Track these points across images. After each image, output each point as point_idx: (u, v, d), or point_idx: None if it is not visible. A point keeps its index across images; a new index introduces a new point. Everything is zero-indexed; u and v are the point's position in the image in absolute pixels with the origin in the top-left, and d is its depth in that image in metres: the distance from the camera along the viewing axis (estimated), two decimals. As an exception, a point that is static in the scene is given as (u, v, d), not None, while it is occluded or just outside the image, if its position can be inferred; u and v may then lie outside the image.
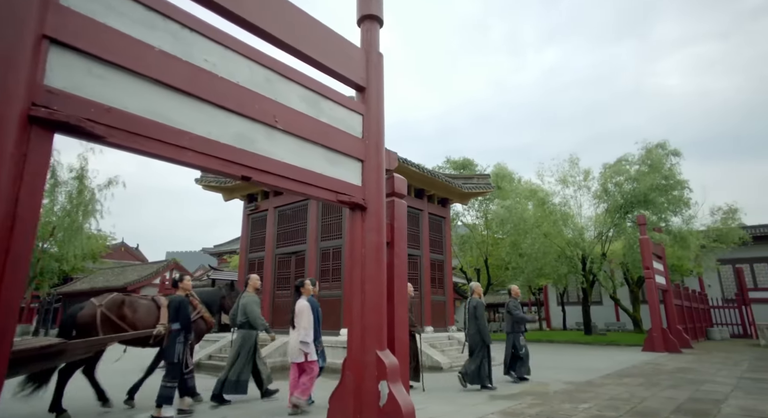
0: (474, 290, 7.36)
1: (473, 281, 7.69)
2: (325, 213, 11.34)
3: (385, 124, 4.49)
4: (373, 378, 3.70)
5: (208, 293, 6.55)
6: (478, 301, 7.16)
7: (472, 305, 7.11)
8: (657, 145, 17.32)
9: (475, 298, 7.23)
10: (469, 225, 23.29)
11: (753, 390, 6.45)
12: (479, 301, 7.16)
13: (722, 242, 19.89)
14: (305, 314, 5.37)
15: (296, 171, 3.56)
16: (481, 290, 7.49)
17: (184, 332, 5.20)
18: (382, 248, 4.07)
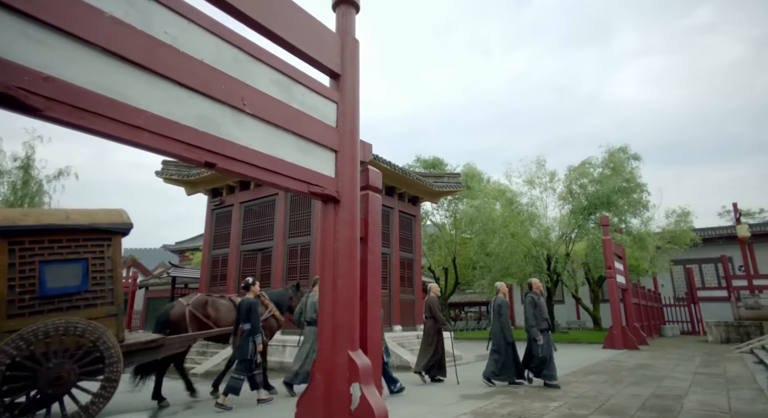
0: (499, 289, 7.48)
1: (499, 282, 7.73)
2: (293, 209, 11.02)
3: (360, 113, 4.30)
4: (344, 380, 3.50)
5: (277, 294, 6.99)
6: (503, 299, 7.27)
7: (497, 304, 7.23)
8: (619, 149, 17.95)
9: (500, 296, 7.35)
10: (438, 224, 23.41)
11: (709, 385, 6.69)
12: (504, 299, 7.28)
13: (675, 244, 20.86)
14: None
15: (265, 159, 3.31)
16: (506, 289, 7.55)
17: (254, 330, 5.55)
18: (355, 243, 3.88)
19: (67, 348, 4.41)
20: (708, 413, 4.72)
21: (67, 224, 4.71)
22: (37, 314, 4.43)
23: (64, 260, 4.64)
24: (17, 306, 4.36)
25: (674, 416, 4.59)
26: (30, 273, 4.45)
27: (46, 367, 4.25)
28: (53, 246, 4.62)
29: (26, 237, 4.47)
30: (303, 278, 10.26)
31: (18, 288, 4.38)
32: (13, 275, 4.37)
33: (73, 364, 4.42)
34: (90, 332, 4.49)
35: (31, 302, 4.44)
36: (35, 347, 4.21)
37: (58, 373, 4.31)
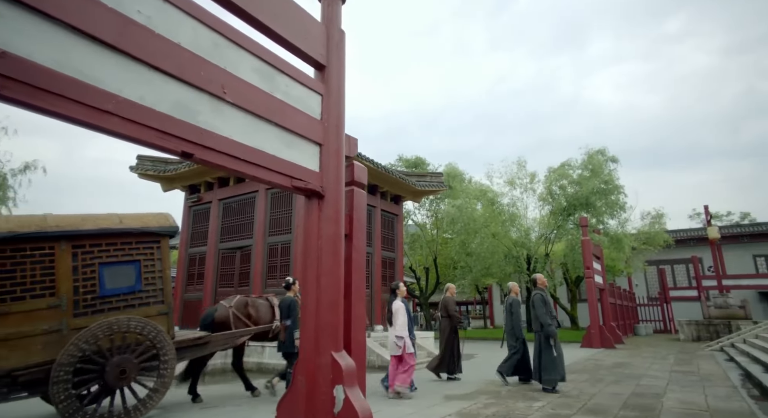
0: (512, 288, 7.68)
1: (511, 282, 7.93)
2: (274, 206, 10.78)
3: (345, 107, 4.16)
4: (327, 382, 3.37)
5: None
6: (515, 298, 7.44)
7: (509, 303, 7.43)
8: (597, 151, 18.27)
9: (512, 296, 7.53)
10: (419, 224, 23.39)
11: (685, 383, 6.80)
12: (516, 298, 7.45)
13: (650, 245, 21.37)
14: (401, 313, 6.15)
15: (247, 151, 3.15)
16: (518, 289, 7.75)
17: (295, 326, 5.78)
18: (339, 240, 3.75)
19: (128, 344, 4.74)
20: (688, 412, 4.76)
21: (121, 227, 5.02)
22: (99, 312, 4.76)
23: (119, 262, 4.97)
24: (81, 305, 4.69)
25: (656, 414, 4.62)
26: (91, 274, 4.78)
27: (112, 361, 4.60)
28: (110, 249, 4.94)
29: (87, 241, 4.80)
30: (283, 276, 10.04)
31: (81, 289, 4.71)
32: (77, 276, 4.70)
33: (134, 359, 4.75)
34: (148, 329, 4.82)
35: (93, 301, 4.76)
36: (102, 342, 4.55)
37: (122, 367, 4.65)
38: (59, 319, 4.54)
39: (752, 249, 26.06)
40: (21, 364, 4.27)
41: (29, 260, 4.49)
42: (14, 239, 4.40)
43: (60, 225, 4.68)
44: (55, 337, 4.47)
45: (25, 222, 4.58)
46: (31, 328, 4.39)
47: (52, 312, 4.53)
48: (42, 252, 4.56)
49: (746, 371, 7.80)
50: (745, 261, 25.89)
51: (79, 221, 4.85)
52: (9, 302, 4.33)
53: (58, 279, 4.59)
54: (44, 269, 4.55)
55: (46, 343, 4.42)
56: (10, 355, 4.24)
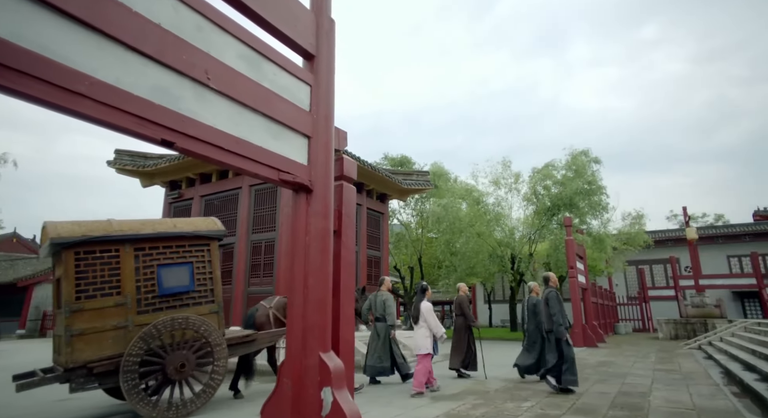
0: (533, 289, 7.88)
1: (532, 282, 8.11)
2: (258, 203, 10.54)
3: (335, 99, 4.02)
4: (314, 384, 3.22)
5: None
6: (538, 299, 7.52)
7: (532, 303, 7.61)
8: (581, 152, 18.47)
9: (533, 296, 7.74)
10: (404, 223, 23.32)
11: (669, 382, 6.86)
12: (538, 299, 7.51)
13: (630, 245, 21.75)
14: (432, 313, 6.37)
15: (232, 141, 2.98)
16: (540, 289, 7.76)
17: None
18: (328, 236, 3.61)
19: (186, 340, 5.11)
20: (675, 411, 4.76)
21: (176, 231, 5.39)
22: (158, 310, 5.13)
23: (174, 264, 5.33)
24: (143, 303, 5.05)
25: (644, 414, 4.60)
26: (150, 275, 5.14)
27: (172, 355, 4.98)
28: (166, 251, 5.30)
29: (146, 243, 5.18)
30: (267, 275, 9.83)
31: (143, 288, 5.07)
32: (139, 276, 5.07)
33: (191, 354, 5.12)
34: (203, 327, 5.21)
35: (153, 300, 5.12)
36: (164, 338, 4.95)
37: (181, 361, 5.02)
38: (125, 316, 4.93)
39: (726, 250, 26.80)
40: (95, 356, 4.69)
41: (99, 262, 4.88)
42: (86, 242, 4.80)
43: (123, 229, 5.09)
44: (122, 332, 4.89)
45: (93, 227, 4.97)
46: (102, 324, 4.80)
47: (119, 310, 4.92)
48: (109, 254, 4.95)
49: (726, 368, 7.92)
50: (720, 261, 26.61)
51: (138, 225, 5.26)
52: (83, 299, 4.73)
53: (123, 279, 4.98)
54: (111, 270, 4.95)
55: (115, 338, 4.84)
56: (85, 348, 4.67)
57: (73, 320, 4.64)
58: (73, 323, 4.63)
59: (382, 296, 7.16)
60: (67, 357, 4.57)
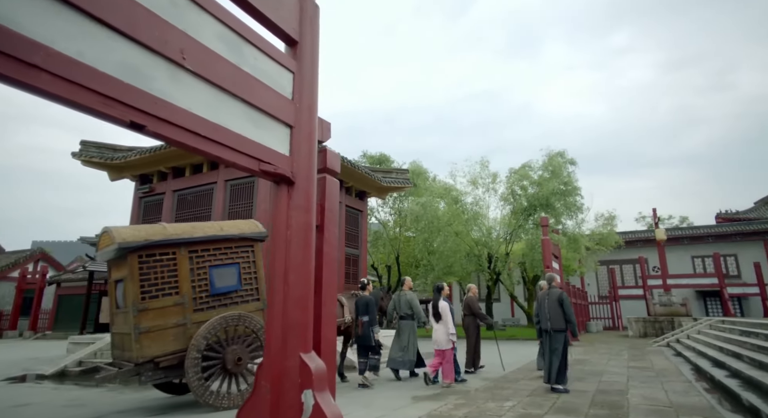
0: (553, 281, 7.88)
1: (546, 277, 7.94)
2: (233, 199, 10.21)
3: (318, 88, 3.84)
4: (295, 387, 3.05)
5: (373, 295, 7.66)
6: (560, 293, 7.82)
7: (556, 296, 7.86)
8: (557, 154, 18.78)
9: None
10: (382, 221, 23.22)
11: (644, 379, 6.97)
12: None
13: (603, 245, 22.28)
14: (449, 311, 6.73)
15: (209, 127, 2.77)
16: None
17: (372, 322, 6.86)
18: (310, 231, 3.43)
19: (239, 336, 5.52)
20: (654, 408, 4.80)
21: (223, 234, 5.71)
22: (211, 309, 5.49)
23: (223, 265, 5.68)
24: (198, 302, 5.41)
25: (624, 412, 4.62)
26: (204, 276, 5.50)
27: (228, 349, 5.40)
28: (216, 253, 5.65)
29: (198, 246, 5.51)
30: (242, 273, 9.53)
31: (197, 288, 5.43)
32: (194, 277, 5.42)
33: (245, 348, 5.54)
34: (253, 323, 5.60)
35: (207, 299, 5.48)
36: (220, 334, 5.34)
37: (237, 355, 5.45)
38: (183, 314, 5.29)
39: (691, 250, 27.85)
40: (160, 352, 5.07)
41: (159, 264, 5.20)
42: (148, 246, 5.10)
43: (177, 233, 5.40)
44: (182, 330, 5.24)
45: (152, 231, 5.28)
46: (164, 322, 5.15)
47: (178, 308, 5.28)
48: (168, 257, 5.28)
49: (696, 365, 8.13)
50: (685, 262, 27.63)
51: (190, 229, 5.59)
52: (148, 299, 5.06)
53: (180, 280, 5.33)
54: (170, 272, 5.28)
55: (176, 334, 5.20)
56: (151, 344, 5.02)
57: (140, 319, 5.01)
58: (140, 322, 5.00)
59: (406, 295, 7.57)
60: (137, 353, 4.94)
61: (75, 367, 8.84)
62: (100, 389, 6.98)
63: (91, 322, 14.42)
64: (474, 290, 8.50)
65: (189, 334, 5.24)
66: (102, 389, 7.06)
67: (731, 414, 4.47)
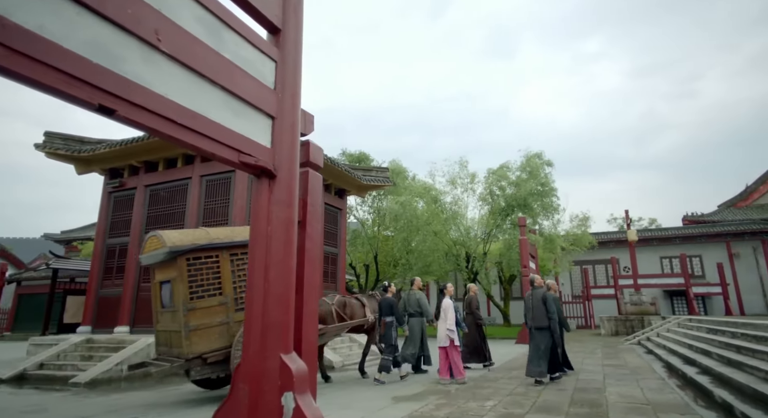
0: (550, 287, 8.26)
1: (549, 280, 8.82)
2: (209, 195, 9.90)
3: (302, 78, 3.70)
4: (274, 389, 2.91)
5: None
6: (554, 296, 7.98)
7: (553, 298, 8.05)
8: (535, 155, 19.07)
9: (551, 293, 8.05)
10: (361, 220, 23.07)
11: (619, 377, 7.08)
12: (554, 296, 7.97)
13: (577, 246, 22.74)
14: (450, 310, 6.98)
15: (188, 115, 2.61)
16: (556, 287, 8.55)
17: (395, 322, 7.30)
18: (292, 227, 3.29)
19: None
20: (631, 406, 4.86)
21: None
22: None
23: None
24: (239, 303, 5.74)
25: (604, 410, 4.65)
26: (243, 277, 5.78)
27: None
28: None
29: (237, 249, 5.84)
30: (217, 271, 9.25)
31: (237, 289, 5.77)
32: (234, 278, 5.75)
33: None
34: None
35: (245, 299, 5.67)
36: None
37: None
38: (227, 313, 5.67)
39: (660, 251, 28.76)
40: (207, 348, 5.41)
41: (204, 267, 5.54)
42: (195, 250, 5.43)
43: (219, 237, 5.77)
44: (225, 328, 5.59)
45: (197, 235, 5.67)
46: (210, 320, 5.51)
47: (222, 308, 5.65)
48: (212, 260, 5.63)
49: (668, 363, 8.34)
50: (654, 262, 28.51)
51: (230, 233, 6.00)
52: (195, 299, 5.39)
53: (223, 281, 5.70)
54: (214, 274, 5.65)
55: (220, 332, 5.55)
56: (199, 341, 5.35)
57: (190, 318, 5.33)
58: (189, 320, 5.33)
59: (415, 294, 7.95)
60: (186, 349, 5.27)
61: (36, 370, 8.39)
62: (63, 394, 6.63)
63: (55, 322, 13.79)
64: (474, 290, 8.92)
65: (231, 332, 5.62)
66: (65, 393, 6.71)
67: (705, 411, 4.56)
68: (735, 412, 4.29)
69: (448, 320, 6.88)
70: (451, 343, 6.81)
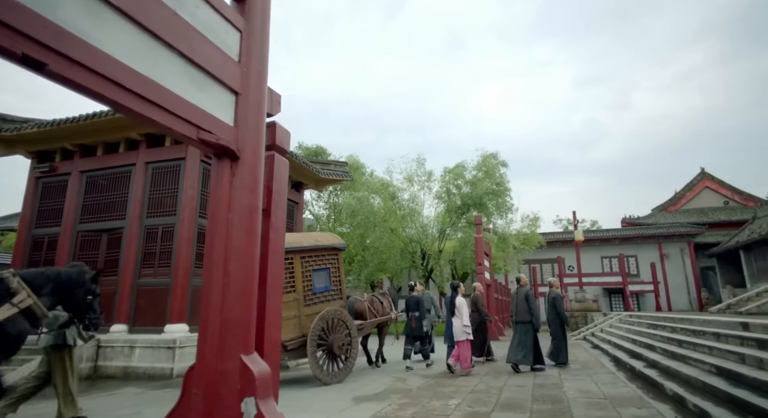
0: (553, 284, 8.79)
1: (552, 278, 9.10)
2: (156, 184, 9.17)
3: (269, 52, 3.38)
4: (233, 394, 2.60)
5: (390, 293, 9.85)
6: (557, 293, 8.53)
7: (551, 297, 8.48)
8: (490, 155, 19.47)
9: (555, 290, 8.58)
10: (316, 215, 22.60)
11: (574, 372, 7.28)
12: (557, 292, 8.53)
13: (527, 245, 23.53)
14: (465, 307, 7.50)
15: (138, 80, 2.24)
16: (558, 284, 9.02)
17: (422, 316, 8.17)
18: (255, 214, 2.98)
19: (335, 326, 6.77)
20: (591, 401, 4.94)
21: (320, 244, 7.06)
22: (314, 304, 6.72)
23: (320, 269, 6.94)
24: (306, 299, 6.66)
25: (566, 406, 4.68)
26: (309, 277, 6.76)
27: (332, 336, 6.64)
28: (315, 259, 6.91)
29: (306, 253, 6.76)
30: (163, 265, 8.59)
31: (306, 287, 6.68)
32: (303, 278, 6.67)
33: (342, 336, 6.81)
34: (345, 317, 7.01)
35: (312, 296, 6.74)
36: (326, 324, 6.61)
37: (342, 341, 6.74)
38: (298, 308, 6.55)
39: (601, 251, 30.46)
40: (286, 338, 6.16)
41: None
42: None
43: (292, 242, 6.59)
44: (297, 320, 6.48)
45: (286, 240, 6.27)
46: (288, 313, 6.31)
47: (295, 303, 6.55)
48: (287, 261, 6.39)
49: (615, 357, 8.71)
50: (595, 261, 30.16)
51: (299, 238, 7.00)
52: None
53: (296, 280, 6.61)
54: (289, 273, 6.55)
55: (294, 324, 6.42)
56: (282, 332, 5.84)
57: None
58: None
59: (429, 293, 9.13)
60: None
61: None
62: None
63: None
64: (479, 288, 9.53)
65: (302, 324, 6.53)
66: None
67: (659, 404, 4.71)
68: (687, 404, 4.45)
69: (464, 318, 7.33)
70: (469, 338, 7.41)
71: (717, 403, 4.20)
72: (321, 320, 6.51)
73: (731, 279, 26.51)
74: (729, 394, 4.22)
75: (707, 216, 32.29)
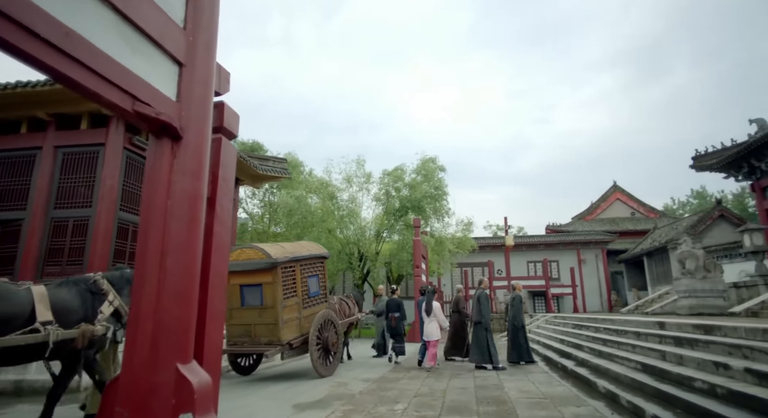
0: (516, 287, 9.59)
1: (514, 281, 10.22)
2: (67, 171, 8.10)
3: (219, 22, 3.02)
4: (166, 410, 2.22)
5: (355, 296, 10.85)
6: (518, 295, 9.24)
7: (512, 298, 9.24)
8: (429, 159, 19.78)
9: (517, 293, 9.32)
10: (251, 214, 21.57)
11: (510, 373, 7.47)
12: (519, 295, 9.24)
13: (461, 249, 24.26)
14: (440, 310, 8.41)
15: (58, 31, 1.83)
16: (521, 287, 9.78)
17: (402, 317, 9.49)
18: (199, 204, 2.62)
19: (328, 326, 7.72)
20: (532, 401, 5.04)
21: (312, 253, 8.13)
22: (309, 307, 7.76)
23: (311, 275, 7.99)
24: (304, 302, 7.67)
25: (511, 407, 4.72)
26: (306, 283, 7.81)
27: (325, 335, 7.52)
28: (309, 267, 7.97)
29: (304, 262, 7.81)
30: (75, 262, 7.58)
31: (303, 292, 7.68)
32: (302, 284, 7.67)
33: (332, 334, 7.73)
34: (334, 317, 7.98)
35: (308, 300, 7.81)
36: (320, 324, 7.48)
37: (333, 339, 7.73)
38: (299, 311, 7.45)
39: (527, 256, 32.26)
40: (291, 337, 7.11)
41: (290, 274, 7.35)
42: (288, 261, 7.29)
43: (294, 252, 7.58)
44: (297, 321, 7.35)
45: (288, 249, 7.55)
46: (292, 315, 7.26)
47: (297, 306, 7.43)
48: (291, 269, 7.39)
49: (546, 356, 9.12)
50: (522, 266, 31.89)
51: (297, 248, 7.88)
52: (287, 299, 7.18)
53: (297, 286, 7.48)
54: (292, 280, 7.42)
55: (295, 325, 7.28)
56: (288, 331, 7.06)
57: (284, 313, 7.01)
58: (284, 314, 7.00)
59: (386, 299, 10.31)
60: (283, 337, 6.90)
61: None
62: None
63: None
64: (461, 291, 10.15)
65: (301, 325, 7.33)
66: None
67: (594, 401, 4.91)
68: (620, 400, 4.68)
69: (440, 319, 8.21)
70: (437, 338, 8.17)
71: (647, 398, 4.44)
72: (318, 320, 7.31)
73: (636, 283, 29.30)
74: (657, 389, 4.49)
75: (618, 225, 35.47)
